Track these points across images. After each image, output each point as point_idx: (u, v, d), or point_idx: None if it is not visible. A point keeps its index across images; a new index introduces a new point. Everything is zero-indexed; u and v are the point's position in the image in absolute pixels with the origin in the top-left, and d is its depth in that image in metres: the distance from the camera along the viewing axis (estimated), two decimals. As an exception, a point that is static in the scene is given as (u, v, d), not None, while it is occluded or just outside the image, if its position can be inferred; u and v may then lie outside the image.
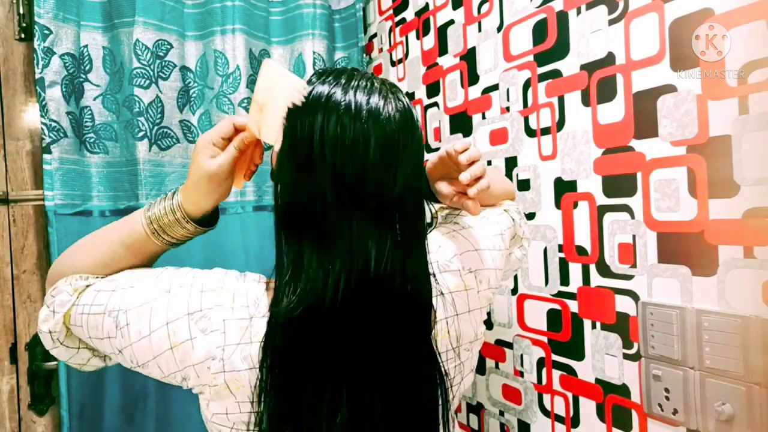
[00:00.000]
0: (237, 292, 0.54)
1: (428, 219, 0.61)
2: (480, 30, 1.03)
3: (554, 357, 0.90)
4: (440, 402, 0.55)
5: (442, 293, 0.58)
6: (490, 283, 0.63)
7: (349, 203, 0.50)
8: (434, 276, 0.58)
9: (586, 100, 0.82)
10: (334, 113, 0.50)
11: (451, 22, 1.10)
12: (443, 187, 0.65)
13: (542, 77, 0.90)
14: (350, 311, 0.50)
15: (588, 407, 0.83)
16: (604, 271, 0.80)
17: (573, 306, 0.86)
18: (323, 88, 0.51)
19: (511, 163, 0.97)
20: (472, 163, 0.58)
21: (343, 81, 0.52)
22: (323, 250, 0.50)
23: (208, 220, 0.60)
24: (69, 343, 0.57)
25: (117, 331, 0.53)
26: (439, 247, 0.62)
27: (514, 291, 0.98)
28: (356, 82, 0.52)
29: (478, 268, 0.62)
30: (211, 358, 0.51)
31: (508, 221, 0.72)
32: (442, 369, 0.56)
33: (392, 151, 0.51)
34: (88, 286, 0.56)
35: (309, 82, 0.53)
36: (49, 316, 0.56)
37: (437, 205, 0.75)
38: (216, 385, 0.51)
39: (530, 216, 0.93)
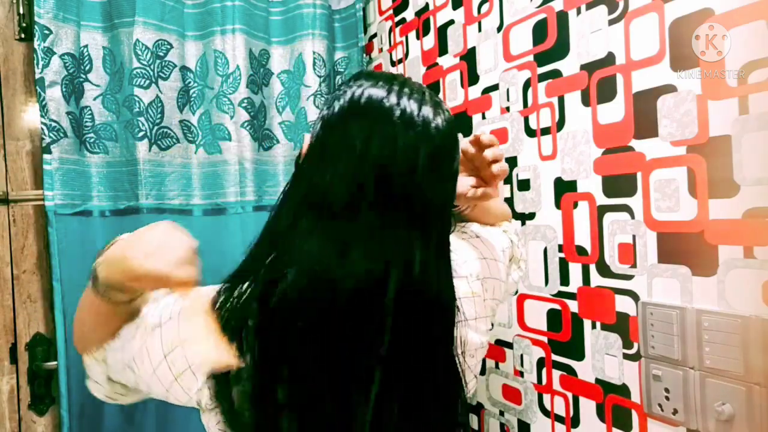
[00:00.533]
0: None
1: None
2: (480, 30, 1.03)
3: (554, 357, 0.90)
4: (458, 410, 0.56)
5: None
6: (494, 293, 0.64)
7: (388, 203, 0.49)
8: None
9: (586, 100, 0.82)
10: (387, 117, 0.49)
11: (451, 22, 1.10)
12: (460, 185, 0.64)
13: (542, 77, 0.90)
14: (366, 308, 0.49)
15: (588, 407, 0.83)
16: (604, 271, 0.80)
17: (573, 306, 0.86)
18: (376, 92, 0.51)
19: (511, 163, 0.97)
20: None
21: (395, 87, 0.52)
22: (343, 241, 0.49)
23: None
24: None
25: (134, 374, 0.54)
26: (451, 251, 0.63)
27: (514, 291, 0.98)
28: (408, 89, 0.52)
29: (486, 277, 0.63)
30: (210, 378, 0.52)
31: (507, 241, 0.73)
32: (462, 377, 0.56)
33: (439, 160, 0.51)
34: (103, 348, 0.58)
35: (358, 83, 0.52)
36: (98, 388, 0.60)
37: None
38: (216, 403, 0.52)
39: (530, 216, 0.93)
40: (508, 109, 0.97)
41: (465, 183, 0.65)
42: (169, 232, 0.49)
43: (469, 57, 1.06)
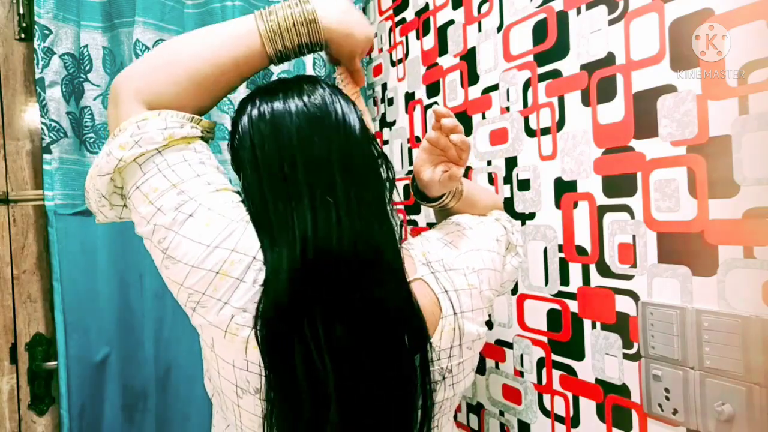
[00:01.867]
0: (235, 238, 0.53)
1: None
2: (480, 30, 1.03)
3: (554, 357, 0.90)
4: (418, 365, 0.55)
5: (446, 291, 0.59)
6: (490, 283, 0.64)
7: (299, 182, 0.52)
8: (444, 272, 0.60)
9: (586, 100, 0.82)
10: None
11: (451, 22, 1.10)
12: (430, 174, 0.65)
13: (542, 77, 0.90)
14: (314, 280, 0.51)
15: (588, 407, 0.83)
16: (604, 271, 0.80)
17: (573, 306, 0.86)
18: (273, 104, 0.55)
19: (511, 163, 0.97)
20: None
21: (281, 93, 0.56)
22: (277, 233, 0.51)
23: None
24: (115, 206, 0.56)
25: (173, 211, 0.50)
26: (444, 245, 0.63)
27: (514, 291, 0.98)
28: (288, 92, 0.56)
29: (481, 268, 0.63)
30: (242, 309, 0.49)
31: (501, 229, 0.73)
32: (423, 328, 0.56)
33: (315, 126, 0.53)
34: (183, 138, 0.53)
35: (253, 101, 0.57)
36: (128, 145, 0.50)
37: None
38: (234, 335, 0.50)
39: (530, 216, 0.93)
40: (508, 109, 0.97)
41: (437, 171, 0.65)
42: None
43: (469, 57, 1.06)
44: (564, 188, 0.86)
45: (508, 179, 0.98)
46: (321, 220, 0.51)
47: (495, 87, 1.00)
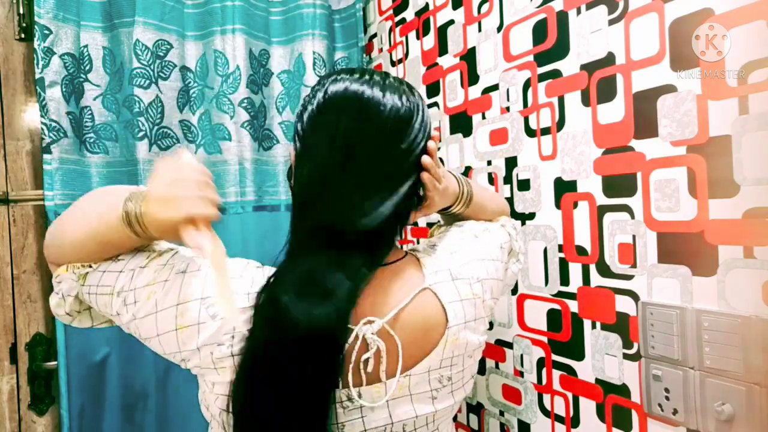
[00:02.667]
0: (256, 282, 0.54)
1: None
2: (480, 30, 1.03)
3: (554, 357, 0.90)
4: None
5: (452, 301, 0.59)
6: (493, 292, 0.64)
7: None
8: (452, 281, 0.60)
9: (586, 100, 0.82)
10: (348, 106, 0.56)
11: (451, 22, 1.10)
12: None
13: (542, 77, 0.90)
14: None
15: (588, 407, 0.83)
16: (604, 271, 0.80)
17: (573, 306, 0.86)
18: (336, 86, 0.57)
19: (511, 163, 0.97)
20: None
21: (356, 76, 0.58)
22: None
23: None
24: (85, 315, 0.61)
25: (125, 307, 0.54)
26: (451, 254, 0.63)
27: (514, 291, 0.98)
28: (368, 77, 0.58)
29: (485, 278, 0.63)
30: (216, 344, 0.51)
31: (506, 235, 0.74)
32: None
33: (384, 138, 0.56)
34: (91, 267, 0.56)
35: (321, 83, 0.59)
36: (60, 302, 0.58)
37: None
38: (223, 368, 0.52)
39: (530, 216, 0.93)
40: (508, 109, 0.97)
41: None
42: (195, 168, 0.54)
43: (469, 57, 1.06)
44: (564, 188, 0.86)
45: (508, 179, 0.98)
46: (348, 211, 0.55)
47: (495, 87, 1.00)
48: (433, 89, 1.17)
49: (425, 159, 0.59)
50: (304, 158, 0.57)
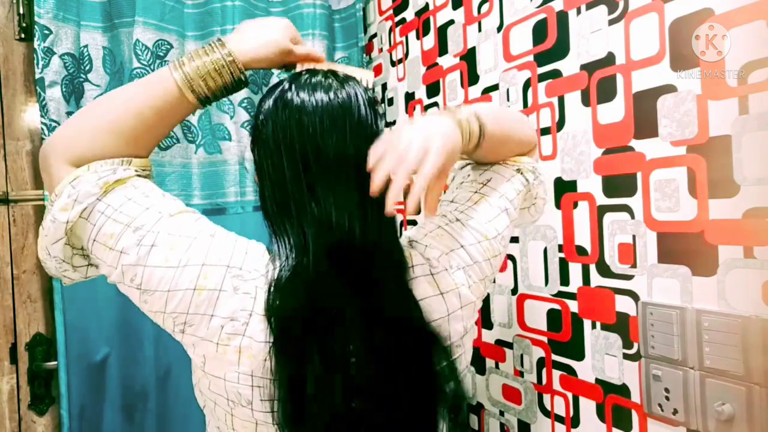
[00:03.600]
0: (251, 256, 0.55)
1: None
2: (480, 30, 1.03)
3: (554, 357, 0.90)
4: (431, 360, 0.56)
5: (439, 293, 0.58)
6: (484, 272, 0.62)
7: (319, 176, 0.54)
8: (439, 272, 0.59)
9: (586, 100, 0.82)
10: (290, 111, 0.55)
11: (451, 22, 1.10)
12: None
13: (542, 77, 0.90)
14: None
15: (588, 407, 0.83)
16: (604, 271, 0.80)
17: (573, 306, 0.86)
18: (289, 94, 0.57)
19: (511, 163, 0.97)
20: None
21: (301, 81, 0.58)
22: (300, 222, 0.54)
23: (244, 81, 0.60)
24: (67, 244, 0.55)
25: (135, 248, 0.50)
26: (426, 247, 0.61)
27: (514, 291, 0.98)
28: (309, 80, 0.58)
29: (467, 264, 0.61)
30: (230, 318, 0.50)
31: (518, 185, 0.67)
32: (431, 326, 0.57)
33: (337, 122, 0.55)
34: (117, 181, 0.52)
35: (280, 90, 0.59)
36: (68, 206, 0.50)
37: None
38: (226, 345, 0.50)
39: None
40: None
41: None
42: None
43: (469, 57, 1.06)
44: (564, 188, 0.86)
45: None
46: (339, 213, 0.54)
47: (495, 87, 1.00)
48: (433, 89, 1.17)
49: None
50: (262, 174, 0.57)
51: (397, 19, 1.29)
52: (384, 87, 1.36)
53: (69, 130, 0.54)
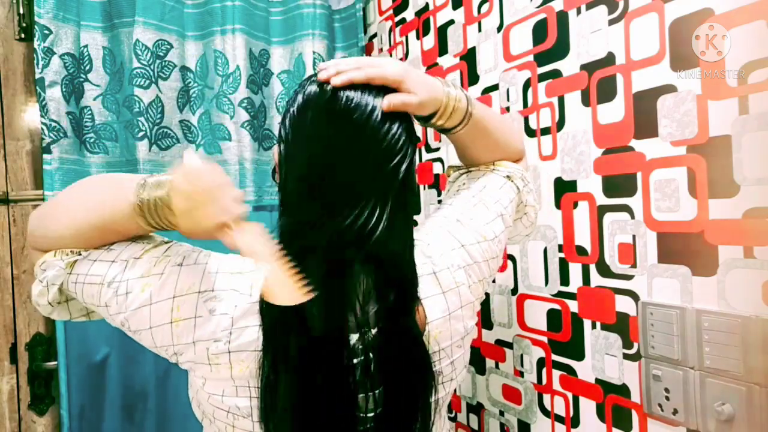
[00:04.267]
0: (256, 279, 0.54)
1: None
2: (480, 30, 1.03)
3: (554, 357, 0.90)
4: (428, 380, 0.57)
5: (436, 294, 0.58)
6: (483, 273, 0.63)
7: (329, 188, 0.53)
8: (439, 272, 0.59)
9: (586, 100, 0.82)
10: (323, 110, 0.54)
11: (451, 22, 1.10)
12: None
13: (542, 77, 0.90)
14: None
15: (588, 407, 0.83)
16: (604, 271, 0.80)
17: (573, 306, 0.86)
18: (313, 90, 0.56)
19: (511, 163, 0.97)
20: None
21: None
22: (320, 230, 0.53)
23: None
24: (63, 308, 0.59)
25: (114, 299, 0.53)
26: (427, 245, 0.62)
27: (514, 291, 0.98)
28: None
29: (467, 264, 0.61)
30: (213, 340, 0.51)
31: (510, 193, 0.69)
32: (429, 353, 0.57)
33: (364, 142, 0.54)
34: (80, 254, 0.55)
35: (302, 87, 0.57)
36: (44, 291, 0.55)
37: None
38: (217, 364, 0.52)
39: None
40: (508, 109, 0.97)
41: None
42: (210, 173, 0.51)
43: (469, 57, 1.06)
44: (564, 188, 0.86)
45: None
46: (360, 225, 0.52)
47: (495, 87, 1.00)
48: (433, 89, 1.17)
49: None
50: (287, 163, 0.57)
51: (397, 19, 1.29)
52: (384, 87, 1.35)
53: (37, 223, 0.58)
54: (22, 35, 1.12)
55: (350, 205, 0.52)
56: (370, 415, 0.54)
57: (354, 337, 0.53)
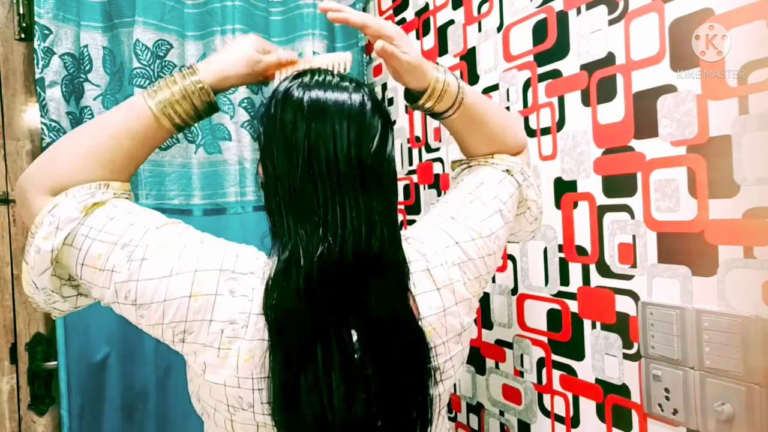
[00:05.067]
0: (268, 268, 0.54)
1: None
2: (480, 30, 1.03)
3: (554, 357, 0.90)
4: (426, 368, 0.57)
5: (430, 290, 0.58)
6: (479, 270, 0.62)
7: (328, 179, 0.53)
8: (433, 269, 0.59)
9: (586, 100, 0.82)
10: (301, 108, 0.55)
11: (451, 22, 1.10)
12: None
13: (542, 77, 0.90)
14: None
15: (588, 407, 0.83)
16: (604, 271, 0.80)
17: (573, 306, 0.86)
18: (295, 90, 0.56)
19: (511, 163, 0.97)
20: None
21: (308, 80, 0.57)
22: (308, 225, 0.53)
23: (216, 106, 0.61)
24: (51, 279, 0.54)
25: (126, 264, 0.50)
26: (422, 243, 0.62)
27: (514, 291, 0.98)
28: (320, 78, 0.57)
29: (462, 261, 0.61)
30: (230, 322, 0.50)
31: (510, 188, 0.68)
32: (426, 335, 0.57)
33: (353, 130, 0.54)
34: (96, 204, 0.53)
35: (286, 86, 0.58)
36: (51, 234, 0.50)
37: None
38: (228, 349, 0.50)
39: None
40: (508, 109, 0.97)
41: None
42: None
43: (469, 57, 1.06)
44: (564, 188, 0.86)
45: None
46: (347, 217, 0.53)
47: (495, 87, 1.00)
48: (433, 89, 1.17)
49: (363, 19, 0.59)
50: (267, 170, 0.56)
51: (397, 19, 1.29)
52: (384, 87, 1.36)
53: (45, 158, 0.56)
54: (22, 35, 1.12)
55: (332, 199, 0.53)
56: (372, 408, 0.54)
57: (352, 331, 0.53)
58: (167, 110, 0.56)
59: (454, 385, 1.14)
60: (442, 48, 1.14)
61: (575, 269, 0.85)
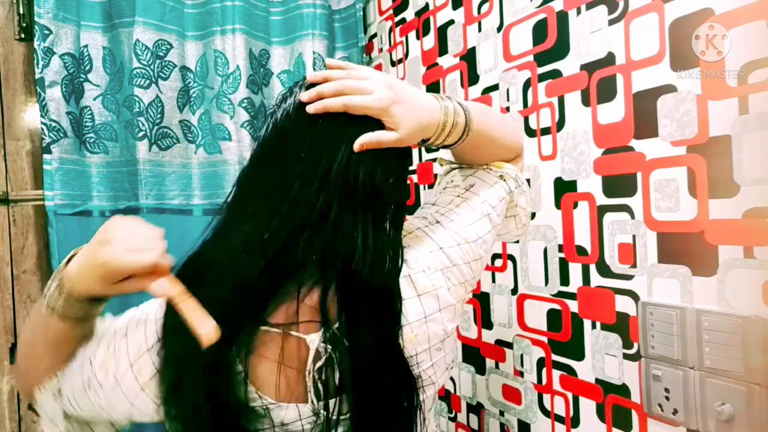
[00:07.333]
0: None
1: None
2: (480, 30, 1.03)
3: (554, 357, 0.90)
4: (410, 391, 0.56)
5: (412, 297, 0.57)
6: (464, 275, 0.60)
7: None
8: (415, 274, 0.57)
9: (586, 100, 0.82)
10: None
11: (451, 22, 1.10)
12: None
13: (542, 77, 0.90)
14: None
15: (588, 407, 0.83)
16: (604, 271, 0.80)
17: (573, 306, 0.86)
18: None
19: (511, 163, 0.97)
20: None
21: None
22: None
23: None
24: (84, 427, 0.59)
25: (96, 394, 0.53)
26: (405, 248, 0.59)
27: (514, 291, 0.98)
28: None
29: (446, 266, 0.59)
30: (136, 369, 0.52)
31: (500, 191, 0.66)
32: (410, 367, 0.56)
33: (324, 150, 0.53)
34: (56, 376, 0.57)
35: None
36: (54, 429, 0.57)
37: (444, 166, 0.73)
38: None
39: (530, 216, 0.93)
40: (508, 109, 0.97)
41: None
42: (129, 224, 0.52)
43: (469, 57, 1.06)
44: (564, 188, 0.86)
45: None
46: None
47: (495, 87, 1.00)
48: (433, 89, 1.17)
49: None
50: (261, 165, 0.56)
51: (397, 19, 1.29)
52: (384, 87, 1.35)
53: (17, 375, 0.61)
54: (22, 35, 1.12)
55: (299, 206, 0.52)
56: (343, 418, 0.53)
57: (316, 337, 0.52)
58: (56, 312, 0.52)
59: (454, 385, 1.14)
60: (442, 48, 1.14)
61: (575, 269, 0.85)
